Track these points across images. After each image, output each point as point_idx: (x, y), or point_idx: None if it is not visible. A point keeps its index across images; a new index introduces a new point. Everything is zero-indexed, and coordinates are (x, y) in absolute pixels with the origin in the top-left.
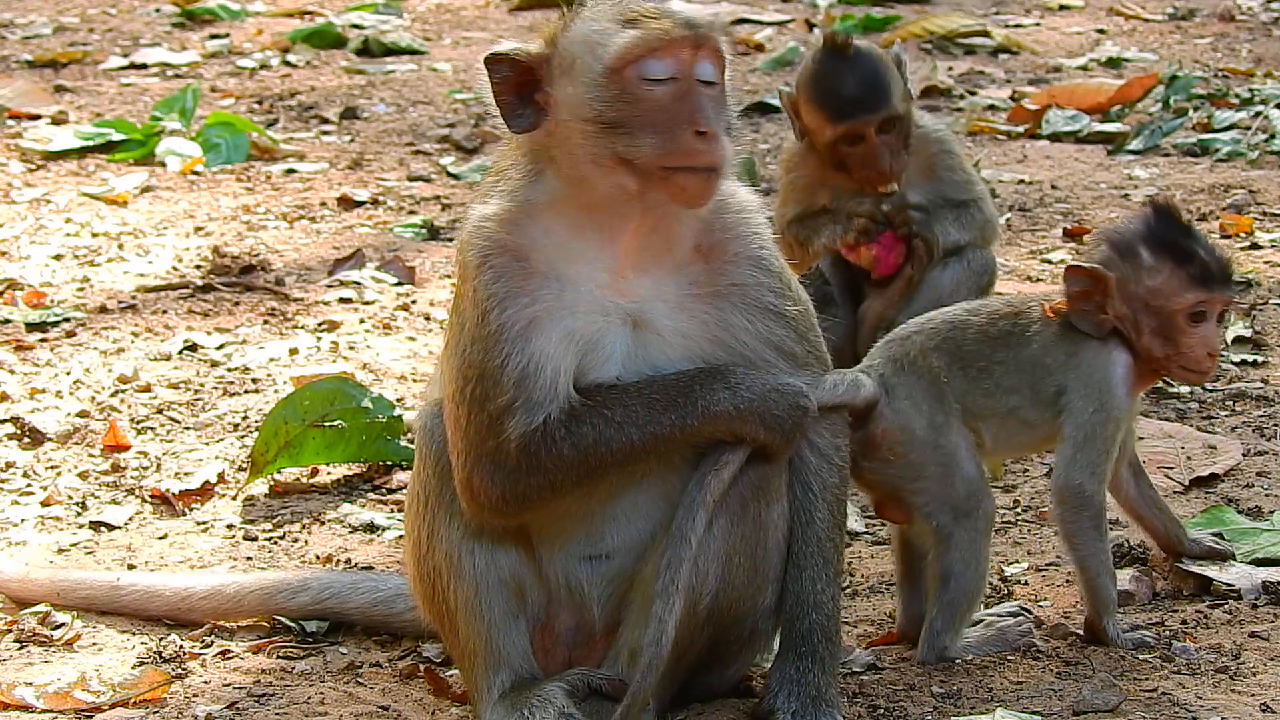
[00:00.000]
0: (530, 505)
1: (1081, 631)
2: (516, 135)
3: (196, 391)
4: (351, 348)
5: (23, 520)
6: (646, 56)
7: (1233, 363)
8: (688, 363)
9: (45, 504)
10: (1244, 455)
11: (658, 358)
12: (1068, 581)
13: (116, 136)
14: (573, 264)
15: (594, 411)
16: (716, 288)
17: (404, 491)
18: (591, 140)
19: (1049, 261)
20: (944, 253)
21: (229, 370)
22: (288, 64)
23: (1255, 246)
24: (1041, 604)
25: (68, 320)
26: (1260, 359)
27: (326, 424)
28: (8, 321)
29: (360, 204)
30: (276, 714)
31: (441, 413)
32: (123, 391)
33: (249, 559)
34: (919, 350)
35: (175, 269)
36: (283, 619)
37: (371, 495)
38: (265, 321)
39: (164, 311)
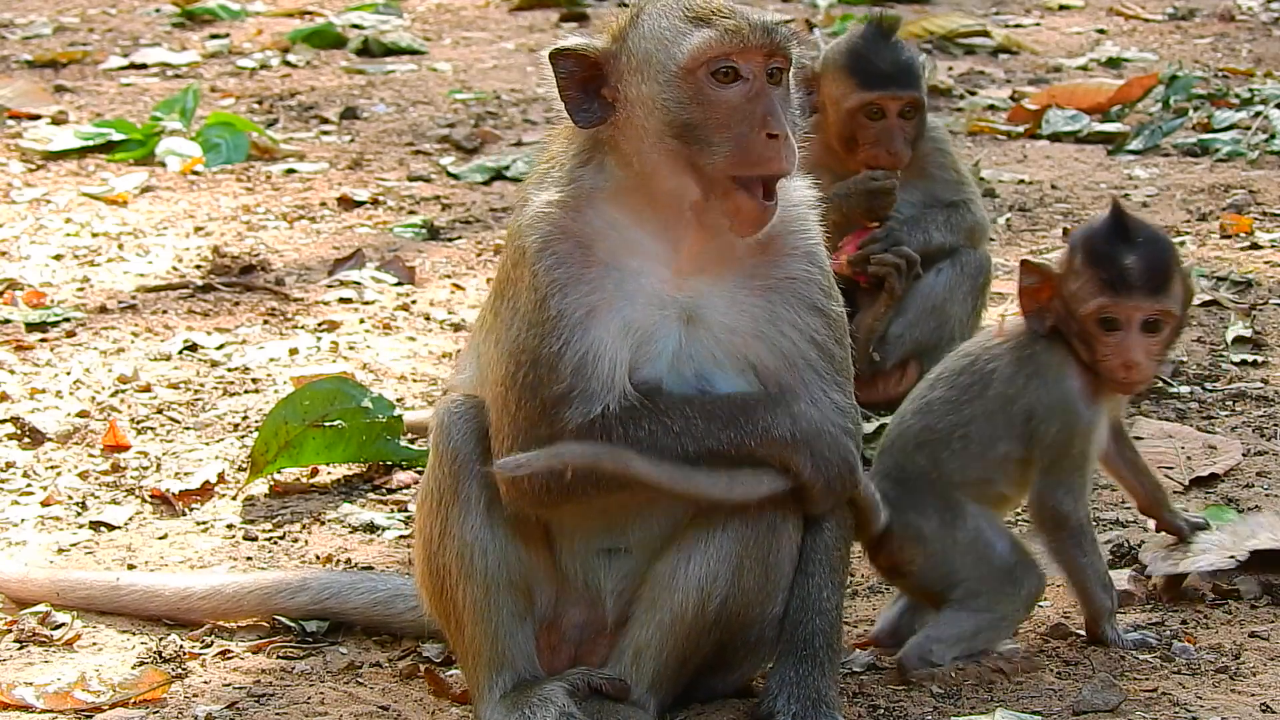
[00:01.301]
0: (573, 498)
1: (1082, 631)
2: (582, 130)
3: (196, 391)
4: (351, 348)
5: (23, 520)
6: (721, 56)
7: (1233, 363)
8: (731, 360)
9: (45, 504)
10: (1244, 455)
11: (704, 354)
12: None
13: (116, 136)
14: (634, 255)
15: (653, 415)
16: (770, 280)
17: (404, 491)
18: (662, 140)
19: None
20: (929, 255)
21: (229, 370)
22: (288, 64)
23: (1255, 246)
24: (1042, 604)
25: (68, 320)
26: (1260, 359)
27: (326, 424)
28: (8, 321)
29: (360, 204)
30: (276, 714)
31: (460, 408)
32: (123, 391)
33: (249, 559)
34: (904, 456)
35: (175, 269)
36: (283, 619)
37: (371, 495)
38: (265, 321)
39: (164, 311)
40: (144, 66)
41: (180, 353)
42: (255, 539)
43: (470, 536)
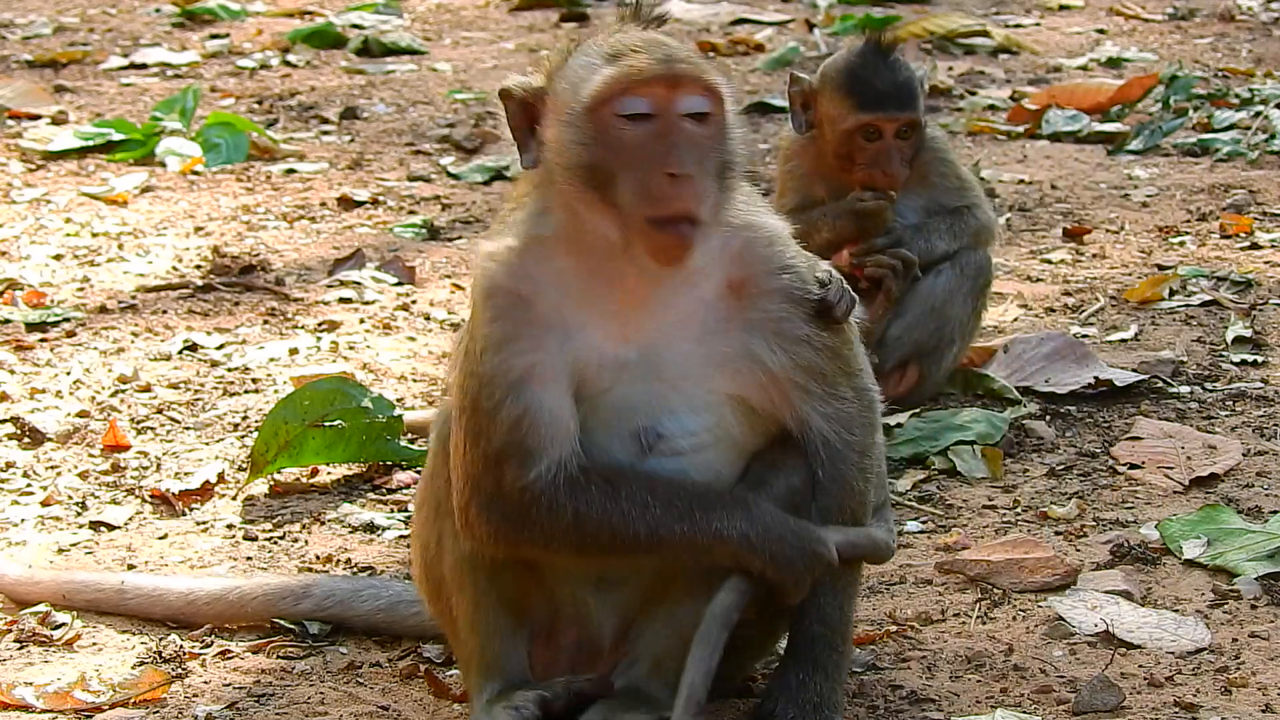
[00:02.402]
0: (523, 549)
1: (1082, 631)
2: (528, 172)
3: (196, 391)
4: (351, 348)
5: (23, 520)
6: (622, 94)
7: (1233, 363)
8: (693, 409)
9: (45, 504)
10: (1244, 455)
11: (659, 407)
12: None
13: (116, 136)
14: (579, 307)
15: (606, 489)
16: (746, 319)
17: (404, 491)
18: (575, 183)
19: (1049, 261)
20: (932, 262)
21: (229, 370)
22: (288, 64)
23: (1255, 246)
24: (1041, 604)
25: (68, 320)
26: (1260, 359)
27: (326, 424)
28: (8, 321)
29: (360, 204)
30: (276, 714)
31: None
32: (123, 391)
33: (249, 559)
34: None
35: (175, 269)
36: (283, 621)
37: (371, 495)
38: (265, 321)
39: (164, 311)
40: (144, 66)
41: (180, 353)
42: (255, 539)
43: (464, 550)
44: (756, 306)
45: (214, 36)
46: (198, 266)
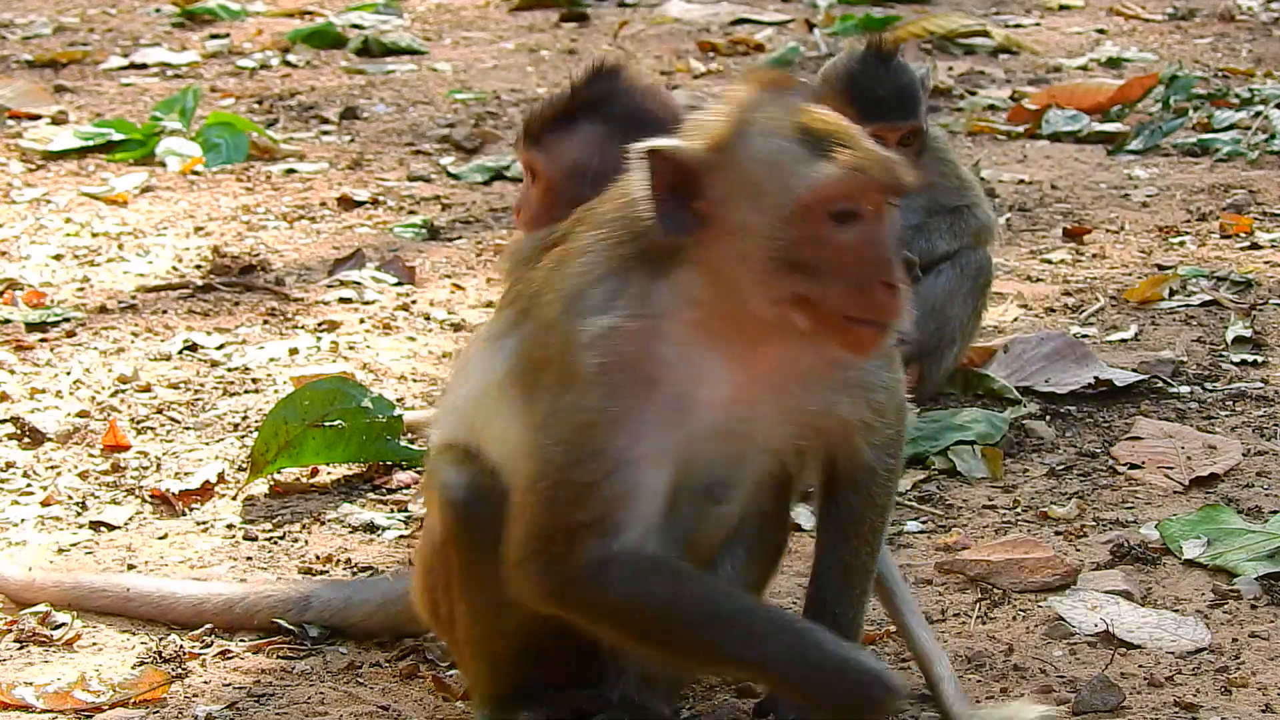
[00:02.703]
0: (570, 614)
1: (1080, 632)
2: (665, 237)
3: (196, 391)
4: (351, 348)
5: (23, 520)
6: (843, 197)
7: (1233, 363)
8: (770, 458)
9: (45, 504)
10: (1244, 455)
11: (749, 458)
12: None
13: (116, 136)
14: (701, 385)
15: (671, 581)
16: (839, 378)
17: (404, 491)
18: (768, 275)
19: (1049, 261)
20: (933, 262)
21: (229, 370)
22: (288, 64)
23: (1255, 246)
24: (1040, 603)
25: (68, 320)
26: (1260, 359)
27: (326, 424)
28: (8, 321)
29: (360, 204)
30: (276, 714)
31: (457, 467)
32: (123, 391)
33: (249, 559)
34: None
35: (175, 269)
36: (281, 623)
37: (371, 495)
38: (265, 321)
39: (164, 311)
40: (144, 66)
41: (180, 353)
42: (255, 539)
43: (481, 603)
44: (852, 365)
45: (214, 36)
46: (198, 266)
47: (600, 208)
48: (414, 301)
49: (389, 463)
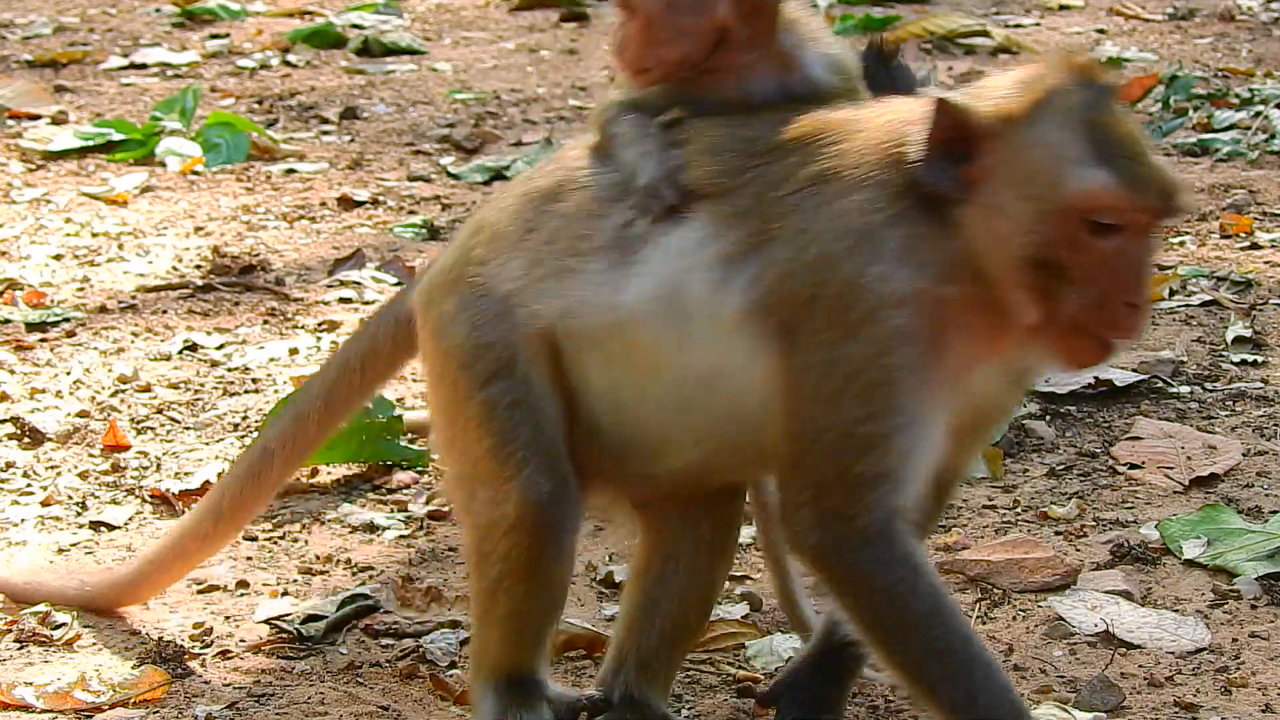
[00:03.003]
0: (835, 570)
1: (1082, 632)
2: (929, 185)
3: (196, 391)
4: None
5: (23, 520)
6: (1109, 211)
7: (1233, 363)
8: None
9: (45, 504)
10: (1244, 455)
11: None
12: None
13: (116, 136)
14: (960, 351)
15: (921, 565)
16: (1008, 372)
17: (404, 491)
18: (1015, 261)
19: None
20: None
21: (229, 370)
22: (288, 64)
23: (1255, 246)
24: (1040, 603)
25: (68, 320)
26: (1260, 359)
27: None
28: (8, 321)
29: (360, 204)
30: (276, 714)
31: (455, 285)
32: (123, 391)
33: (249, 559)
34: None
35: (175, 269)
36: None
37: (371, 495)
38: (265, 321)
39: (164, 311)
40: (144, 66)
41: (180, 353)
42: (255, 539)
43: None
44: (1039, 368)
45: (214, 36)
46: (198, 266)
47: (855, 136)
48: None
49: (389, 463)
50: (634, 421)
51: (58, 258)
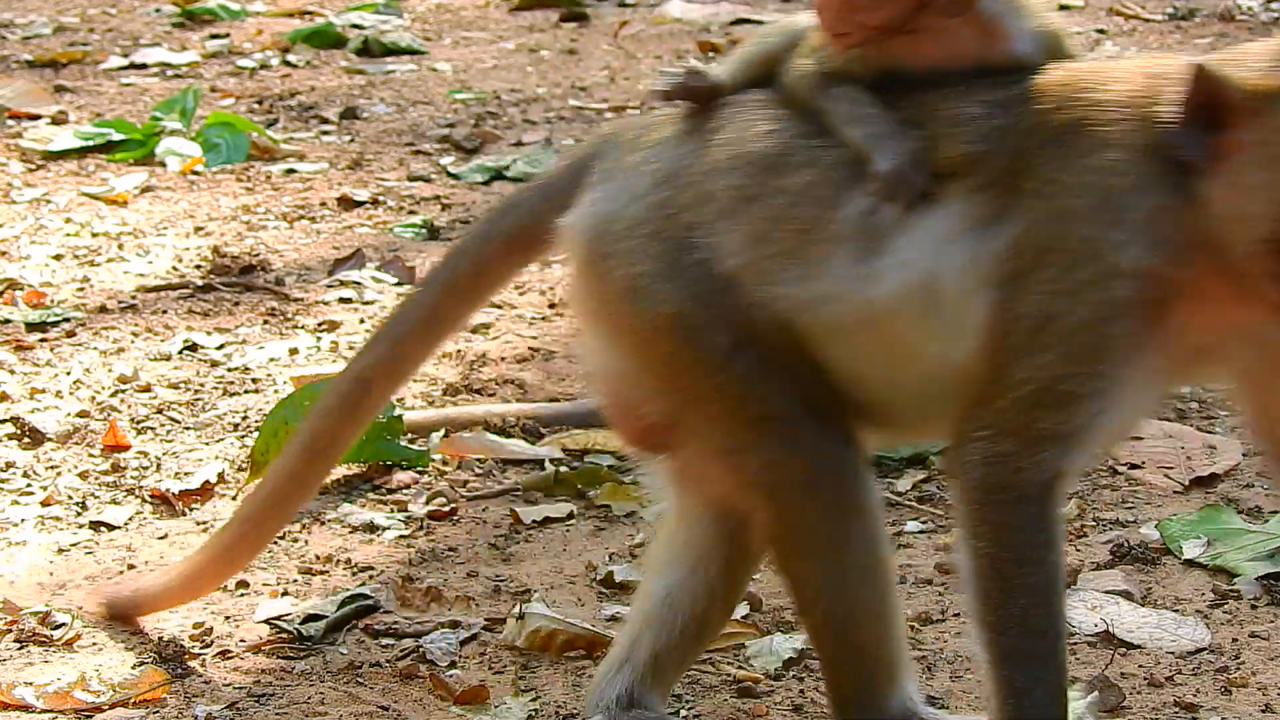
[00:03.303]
0: (980, 505)
1: (1079, 630)
2: (1179, 151)
3: (196, 391)
4: (351, 348)
5: (23, 520)
6: None
7: None
8: None
9: (45, 504)
10: (1244, 455)
11: None
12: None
13: (116, 136)
14: (1186, 327)
15: (1055, 543)
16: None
17: (404, 491)
18: (1259, 243)
19: None
20: None
21: (229, 370)
22: (288, 64)
23: None
24: None
25: (68, 320)
26: None
27: None
28: (8, 321)
29: (360, 204)
30: (276, 714)
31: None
32: (123, 391)
33: None
34: None
35: (175, 269)
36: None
37: (371, 495)
38: (265, 321)
39: (164, 311)
40: (144, 66)
41: (180, 353)
42: None
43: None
44: None
45: (214, 36)
46: (198, 266)
47: (1108, 88)
48: None
49: (389, 463)
50: (876, 398)
51: (58, 258)
